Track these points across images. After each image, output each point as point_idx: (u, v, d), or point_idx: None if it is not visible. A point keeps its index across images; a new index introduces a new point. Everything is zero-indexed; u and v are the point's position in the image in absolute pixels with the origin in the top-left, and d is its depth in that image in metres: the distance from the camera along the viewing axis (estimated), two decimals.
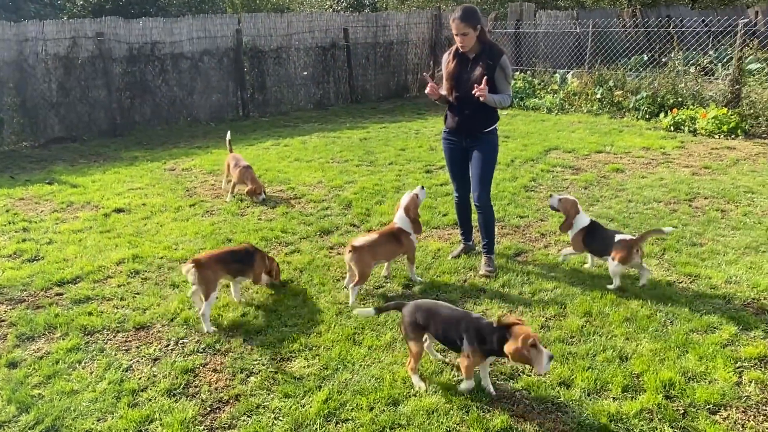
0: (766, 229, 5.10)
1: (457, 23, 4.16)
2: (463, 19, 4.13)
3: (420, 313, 3.14)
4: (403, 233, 4.33)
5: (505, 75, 4.28)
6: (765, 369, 3.18)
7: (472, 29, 4.17)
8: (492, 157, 4.49)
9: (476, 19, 4.17)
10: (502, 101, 4.30)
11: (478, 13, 4.22)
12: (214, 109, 12.43)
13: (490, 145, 4.46)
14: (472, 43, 4.25)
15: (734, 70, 9.54)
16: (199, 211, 6.20)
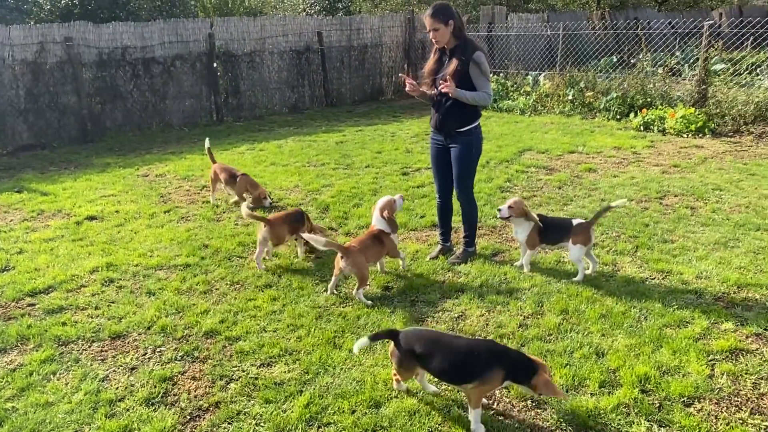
0: (734, 225, 5.25)
1: (428, 19, 4.26)
2: (433, 15, 4.22)
3: (420, 343, 2.84)
4: (383, 234, 4.39)
5: (480, 71, 4.28)
6: (736, 361, 3.27)
7: (443, 24, 4.24)
8: (468, 156, 4.53)
9: (447, 15, 4.23)
10: (477, 98, 4.31)
11: (449, 9, 4.26)
12: (188, 114, 12.30)
13: (467, 145, 4.49)
14: (445, 38, 4.31)
15: (700, 70, 9.79)
16: (174, 218, 6.13)
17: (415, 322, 3.80)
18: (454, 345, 2.84)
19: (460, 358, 2.75)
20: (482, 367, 2.70)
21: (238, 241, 5.33)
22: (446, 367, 2.78)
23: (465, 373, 2.73)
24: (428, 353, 2.81)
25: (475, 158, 4.59)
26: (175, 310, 4.10)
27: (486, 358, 2.72)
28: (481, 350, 2.77)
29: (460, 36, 4.32)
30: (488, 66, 4.35)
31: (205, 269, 4.80)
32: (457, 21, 4.29)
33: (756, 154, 7.85)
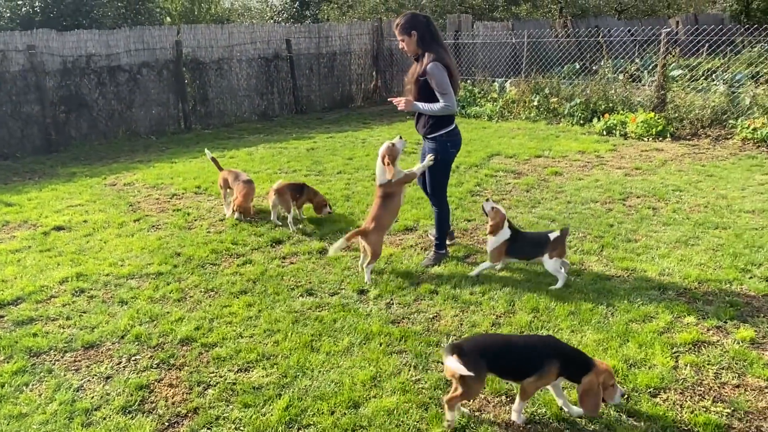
0: (694, 224, 5.47)
1: (396, 31, 4.54)
2: (398, 28, 4.49)
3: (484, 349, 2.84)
4: (389, 186, 4.55)
5: (435, 83, 4.39)
6: (698, 353, 3.42)
7: (407, 36, 4.47)
8: (436, 163, 4.65)
9: (409, 27, 4.44)
10: (433, 109, 4.48)
11: (412, 21, 4.45)
12: (155, 123, 12.15)
13: (433, 151, 4.66)
14: (411, 48, 4.52)
15: (659, 76, 10.15)
16: (144, 226, 6.07)
17: (391, 324, 3.86)
18: (513, 343, 2.98)
19: (522, 355, 2.83)
20: (540, 362, 2.78)
21: (211, 249, 5.31)
22: (511, 365, 2.83)
23: (527, 369, 2.79)
24: (494, 356, 2.82)
25: (444, 163, 4.71)
26: (148, 318, 4.07)
27: (544, 354, 2.80)
28: (539, 346, 2.87)
29: (423, 44, 4.47)
30: (442, 75, 4.37)
31: (178, 277, 4.77)
32: (420, 31, 4.44)
33: (713, 156, 8.18)
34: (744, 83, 10.26)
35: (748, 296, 4.07)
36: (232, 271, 4.84)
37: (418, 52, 4.51)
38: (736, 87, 10.09)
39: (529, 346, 2.93)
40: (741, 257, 4.66)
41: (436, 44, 4.49)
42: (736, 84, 10.28)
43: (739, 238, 5.06)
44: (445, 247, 4.95)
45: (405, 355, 3.49)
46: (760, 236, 5.09)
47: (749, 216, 5.64)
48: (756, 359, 3.32)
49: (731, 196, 6.26)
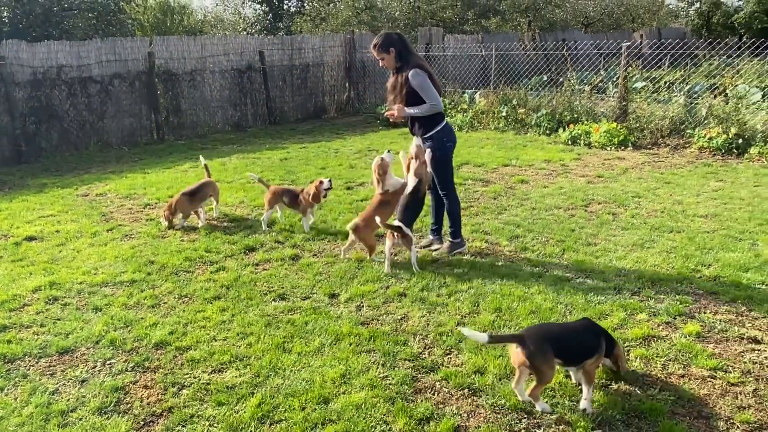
0: (650, 228, 5.75)
1: (374, 51, 4.95)
2: (376, 47, 4.92)
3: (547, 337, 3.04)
4: (384, 194, 5.16)
5: (419, 87, 4.80)
6: (648, 347, 3.65)
7: (386, 53, 4.91)
8: (434, 158, 5.01)
9: (387, 45, 4.89)
10: (420, 110, 4.88)
11: (388, 39, 4.90)
12: (127, 133, 12.14)
13: (431, 148, 5.01)
14: (390, 64, 4.96)
15: (621, 88, 10.56)
16: (117, 236, 6.12)
17: (360, 325, 4.01)
18: (571, 328, 3.23)
19: (583, 338, 3.08)
20: (597, 341, 3.07)
21: (185, 257, 5.40)
22: (576, 348, 3.04)
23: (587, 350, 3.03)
24: (558, 342, 3.01)
25: (441, 158, 5.05)
26: (123, 324, 4.15)
27: (596, 333, 3.11)
28: (590, 327, 3.17)
29: (401, 58, 4.89)
30: (425, 79, 4.81)
31: (152, 284, 4.85)
32: (397, 47, 4.88)
33: (671, 164, 8.55)
34: (702, 95, 10.73)
35: (696, 294, 4.32)
36: (205, 278, 4.93)
37: (397, 66, 4.93)
38: (695, 98, 10.56)
39: (581, 328, 3.18)
40: (692, 258, 4.94)
41: (412, 55, 4.95)
42: (694, 95, 10.75)
43: (692, 241, 5.35)
44: (460, 237, 5.27)
45: (373, 354, 3.64)
46: (711, 239, 5.38)
47: (702, 220, 5.95)
48: (701, 351, 3.55)
49: (687, 202, 6.59)
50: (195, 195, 6.31)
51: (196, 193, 6.34)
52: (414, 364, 3.52)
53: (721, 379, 3.29)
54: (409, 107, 4.91)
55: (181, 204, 6.21)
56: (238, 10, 26.67)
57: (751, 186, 7.19)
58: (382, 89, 16.37)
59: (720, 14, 34.25)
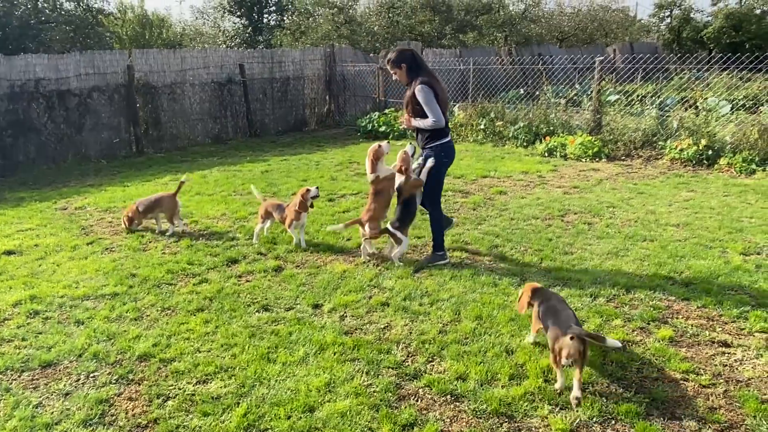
0: (625, 237, 5.92)
1: (387, 66, 5.27)
2: (390, 63, 5.24)
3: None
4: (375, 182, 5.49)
5: (422, 101, 5.08)
6: (624, 351, 3.76)
7: (398, 69, 5.20)
8: (432, 169, 5.25)
9: (399, 61, 5.18)
10: (423, 124, 5.18)
11: (401, 56, 5.20)
12: (106, 146, 12.07)
13: (429, 159, 5.27)
14: (403, 78, 5.25)
15: (594, 101, 10.84)
16: (97, 249, 6.09)
17: (344, 335, 4.07)
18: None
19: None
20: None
21: (167, 269, 5.40)
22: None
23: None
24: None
25: (437, 170, 5.28)
26: (106, 337, 4.15)
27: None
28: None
29: (411, 73, 5.19)
30: (429, 94, 5.05)
31: (134, 297, 4.85)
32: (408, 62, 5.17)
33: (644, 175, 8.80)
34: (673, 107, 11.07)
35: (669, 300, 4.47)
36: (188, 290, 4.95)
37: (409, 80, 5.21)
38: (666, 111, 10.88)
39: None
40: (665, 266, 5.10)
41: (423, 71, 5.20)
42: (666, 108, 11.07)
43: (664, 249, 5.53)
44: (443, 250, 5.42)
45: (358, 363, 3.70)
46: (682, 247, 5.56)
47: (674, 229, 6.14)
48: (673, 355, 3.68)
49: (659, 212, 6.79)
50: (148, 206, 6.52)
51: (149, 204, 6.53)
52: (397, 371, 3.59)
53: (693, 382, 3.42)
54: (416, 119, 5.22)
55: (134, 213, 6.49)
56: (217, 23, 26.72)
57: (720, 196, 7.44)
58: (363, 102, 16.53)
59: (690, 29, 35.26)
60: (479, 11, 27.37)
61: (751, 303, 4.35)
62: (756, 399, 3.21)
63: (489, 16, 27.20)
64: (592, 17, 32.94)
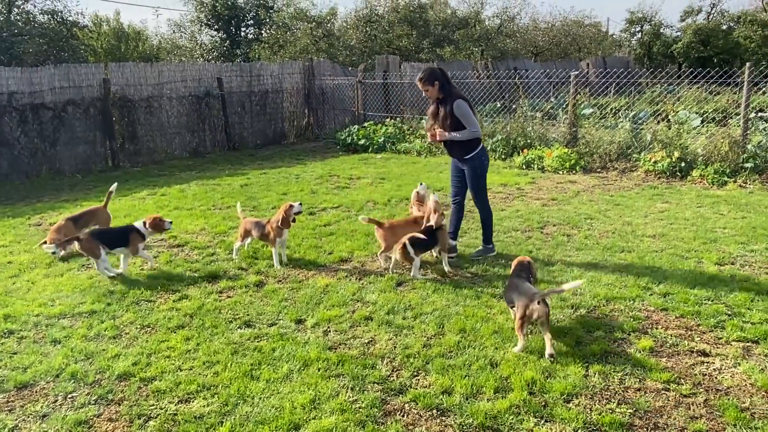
0: (603, 248, 6.01)
1: (419, 83, 5.56)
2: (423, 80, 5.51)
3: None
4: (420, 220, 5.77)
5: (461, 114, 5.46)
6: (606, 362, 3.81)
7: (431, 86, 5.50)
8: (475, 176, 5.74)
9: (432, 79, 5.49)
10: (463, 135, 5.52)
11: (434, 74, 5.52)
12: (81, 161, 11.88)
13: (473, 168, 5.72)
14: (434, 95, 5.57)
15: (570, 114, 11.03)
16: (74, 266, 5.98)
17: (328, 350, 4.05)
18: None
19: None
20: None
21: (146, 285, 5.32)
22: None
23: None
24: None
25: (482, 176, 5.78)
26: (84, 356, 4.06)
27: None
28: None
29: (444, 90, 5.52)
30: (467, 108, 5.49)
31: (113, 315, 4.76)
32: (440, 80, 5.49)
33: (620, 187, 8.96)
34: (646, 120, 11.32)
35: (648, 311, 4.55)
36: (168, 307, 4.87)
37: (440, 97, 5.55)
38: (639, 124, 11.12)
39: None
40: (643, 277, 5.19)
41: (453, 87, 5.61)
42: (639, 121, 11.32)
43: (642, 260, 5.62)
44: (492, 244, 5.92)
45: (342, 378, 3.68)
46: (659, 258, 5.67)
47: (650, 240, 6.25)
48: (654, 365, 3.74)
49: (635, 223, 6.91)
50: (78, 221, 6.46)
51: (80, 219, 6.50)
52: (383, 386, 3.57)
53: (674, 391, 3.47)
54: (451, 133, 5.53)
55: (66, 229, 6.30)
56: (194, 36, 26.59)
57: (694, 207, 7.61)
58: (342, 115, 16.57)
59: (660, 44, 36.18)
60: (456, 26, 27.73)
61: (727, 312, 4.45)
62: (735, 407, 3.26)
63: (465, 31, 27.56)
64: (565, 32, 33.60)
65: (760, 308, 4.48)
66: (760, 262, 5.50)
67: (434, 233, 5.43)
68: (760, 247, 5.91)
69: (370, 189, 9.25)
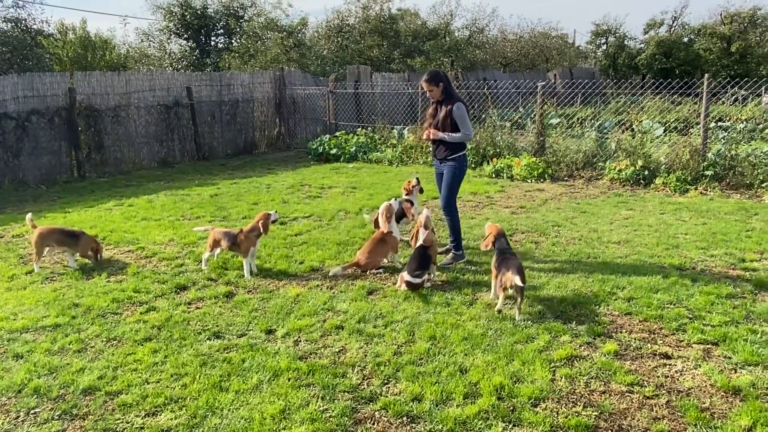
0: (570, 254, 6.13)
1: (424, 84, 5.77)
2: (428, 81, 5.74)
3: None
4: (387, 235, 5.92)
5: (459, 117, 5.69)
6: (572, 366, 3.89)
7: (435, 87, 5.74)
8: (451, 178, 5.91)
9: (437, 80, 5.73)
10: (455, 138, 5.74)
11: (438, 76, 5.77)
12: (46, 171, 11.62)
13: (450, 171, 5.90)
14: (437, 95, 5.81)
15: (537, 124, 11.25)
16: (37, 278, 5.83)
17: (299, 360, 4.03)
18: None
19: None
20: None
21: (112, 298, 5.23)
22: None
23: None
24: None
25: (457, 180, 5.95)
26: (47, 371, 3.96)
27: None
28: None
29: (446, 92, 5.78)
30: (465, 112, 5.74)
31: (78, 328, 4.66)
32: (444, 83, 5.75)
33: (586, 195, 9.16)
34: (611, 130, 11.61)
35: (613, 315, 4.66)
36: (135, 319, 4.80)
37: (441, 98, 5.80)
38: (605, 133, 11.40)
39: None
40: (608, 282, 5.31)
41: (455, 91, 5.89)
42: (604, 131, 11.61)
43: (607, 265, 5.76)
44: (461, 250, 6.02)
45: (313, 388, 3.67)
46: (624, 263, 5.81)
47: (615, 246, 6.40)
48: (619, 368, 3.83)
49: (601, 230, 7.07)
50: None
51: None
52: (353, 395, 3.58)
53: (638, 393, 3.56)
54: (444, 133, 5.75)
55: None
56: (163, 45, 26.29)
57: (657, 213, 7.82)
58: (313, 125, 16.57)
59: (625, 55, 37.14)
60: (426, 37, 28.05)
61: (688, 316, 4.58)
62: (696, 408, 3.36)
63: (435, 42, 27.90)
64: (533, 44, 34.26)
65: (719, 311, 4.63)
66: (719, 267, 5.69)
67: (426, 252, 5.38)
68: (720, 252, 6.11)
69: (342, 198, 9.26)
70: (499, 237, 5.11)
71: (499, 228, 5.20)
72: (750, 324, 4.40)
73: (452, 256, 6.03)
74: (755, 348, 4.01)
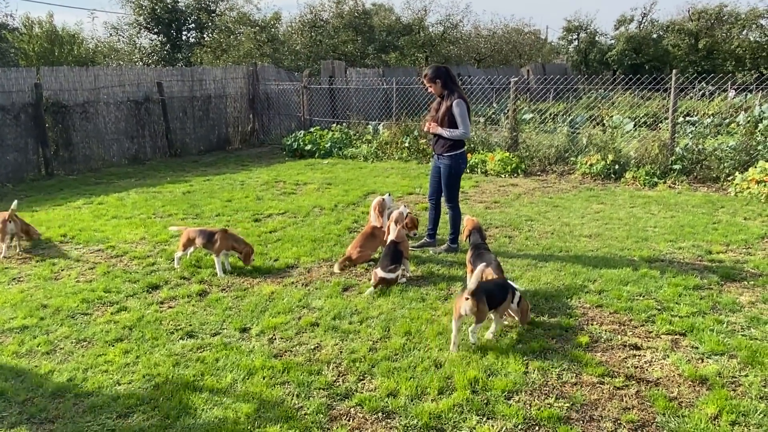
0: (543, 248, 6.21)
1: (425, 80, 5.86)
2: (427, 77, 5.82)
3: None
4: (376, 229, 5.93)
5: (458, 113, 5.72)
6: (545, 359, 3.94)
7: (434, 83, 5.79)
8: (449, 175, 5.97)
9: (436, 76, 5.78)
10: (452, 134, 5.80)
11: (438, 72, 5.81)
12: (11, 169, 11.31)
13: (448, 167, 5.95)
14: (437, 91, 5.87)
15: (510, 120, 11.34)
16: (3, 279, 5.69)
17: (273, 358, 4.01)
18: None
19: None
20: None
21: (82, 298, 5.12)
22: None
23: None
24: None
25: (456, 176, 6.01)
26: (14, 374, 3.88)
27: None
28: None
29: (446, 87, 5.81)
30: (464, 109, 5.75)
31: (46, 330, 4.56)
32: (443, 78, 5.79)
33: (559, 189, 9.28)
34: (583, 125, 11.78)
35: (584, 308, 4.73)
36: (105, 320, 4.71)
37: (442, 93, 5.83)
38: (576, 128, 11.56)
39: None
40: (580, 275, 5.39)
41: (455, 86, 5.86)
42: (576, 126, 11.76)
43: (579, 259, 5.84)
44: (457, 243, 6.14)
45: (288, 386, 3.66)
46: (595, 256, 5.91)
47: (587, 240, 6.51)
48: (590, 360, 3.90)
49: (573, 224, 7.18)
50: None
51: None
52: (329, 392, 3.58)
53: (608, 384, 3.63)
54: (443, 128, 5.80)
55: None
56: (133, 40, 25.78)
57: (627, 207, 7.97)
58: (288, 121, 16.45)
59: (596, 51, 37.71)
60: (400, 32, 28.04)
61: (657, 307, 4.68)
62: (665, 397, 3.44)
63: (410, 37, 27.92)
64: (506, 39, 34.54)
65: (687, 302, 4.74)
66: (687, 259, 5.82)
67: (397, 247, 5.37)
68: (687, 244, 6.25)
69: (317, 194, 9.22)
70: (474, 231, 5.15)
71: (475, 222, 5.28)
72: (716, 314, 4.52)
73: (447, 246, 6.21)
74: (721, 338, 4.12)
